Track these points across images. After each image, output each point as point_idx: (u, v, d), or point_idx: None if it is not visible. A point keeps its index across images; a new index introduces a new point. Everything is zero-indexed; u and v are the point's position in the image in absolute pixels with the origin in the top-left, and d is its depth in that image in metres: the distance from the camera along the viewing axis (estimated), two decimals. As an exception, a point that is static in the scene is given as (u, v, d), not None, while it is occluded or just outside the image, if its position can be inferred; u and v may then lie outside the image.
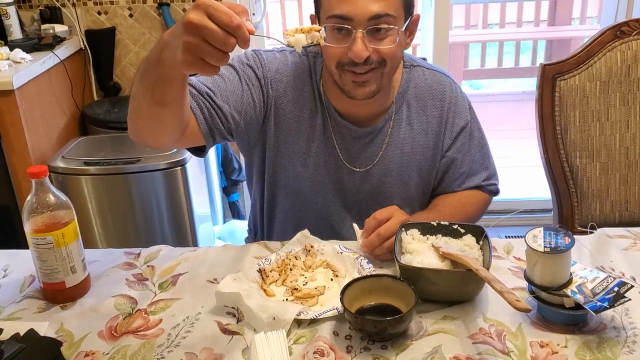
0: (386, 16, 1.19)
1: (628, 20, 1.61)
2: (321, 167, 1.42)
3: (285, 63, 1.38)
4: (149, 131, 1.18)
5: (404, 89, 1.40)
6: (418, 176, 1.45)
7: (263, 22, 2.82)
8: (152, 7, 2.70)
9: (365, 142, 1.40)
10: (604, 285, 1.01)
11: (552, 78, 1.63)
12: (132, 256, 1.31)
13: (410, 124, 1.41)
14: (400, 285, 1.06)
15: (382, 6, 1.18)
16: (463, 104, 1.44)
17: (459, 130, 1.43)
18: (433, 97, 1.41)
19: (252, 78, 1.34)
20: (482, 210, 1.51)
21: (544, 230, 1.05)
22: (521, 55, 5.17)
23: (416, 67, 1.42)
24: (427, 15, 2.85)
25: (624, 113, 1.63)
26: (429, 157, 1.43)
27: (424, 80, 1.41)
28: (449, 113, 1.42)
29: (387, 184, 1.43)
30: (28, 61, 2.31)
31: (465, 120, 1.43)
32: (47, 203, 1.11)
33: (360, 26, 1.18)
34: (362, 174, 1.42)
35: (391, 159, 1.42)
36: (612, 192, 1.68)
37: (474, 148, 1.46)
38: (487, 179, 1.50)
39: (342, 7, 1.18)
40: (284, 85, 1.37)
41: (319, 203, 1.45)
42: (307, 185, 1.44)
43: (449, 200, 1.47)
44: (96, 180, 2.30)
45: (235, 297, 1.08)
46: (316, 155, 1.41)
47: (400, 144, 1.41)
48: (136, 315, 1.12)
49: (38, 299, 1.17)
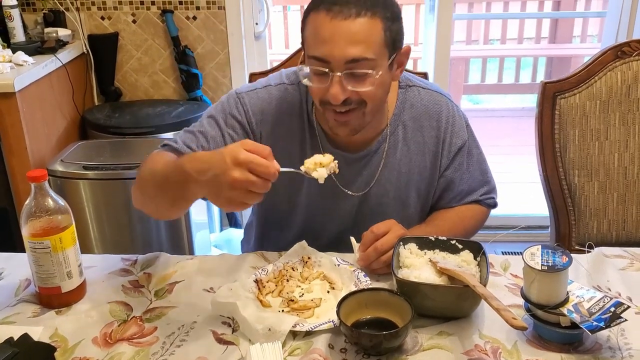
0: (363, 60, 1.16)
1: (629, 40, 1.62)
2: (316, 195, 1.40)
3: (270, 101, 1.36)
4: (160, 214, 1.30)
5: (400, 110, 1.39)
6: (416, 196, 1.44)
7: (266, 32, 2.82)
8: (156, 13, 2.71)
9: (361, 165, 1.39)
10: (601, 305, 1.01)
11: (553, 96, 1.63)
12: (129, 263, 1.31)
13: (407, 145, 1.39)
14: (397, 300, 1.06)
15: (359, 50, 1.15)
16: (460, 123, 1.42)
17: (457, 150, 1.41)
18: (430, 118, 1.39)
19: (236, 127, 1.34)
20: (481, 223, 1.51)
21: (541, 248, 1.05)
22: (521, 71, 5.19)
23: (412, 87, 1.40)
24: (429, 30, 2.87)
25: (623, 133, 1.64)
26: (426, 177, 1.42)
27: (420, 101, 1.39)
28: (447, 133, 1.40)
29: (385, 205, 1.41)
30: (30, 64, 2.31)
31: (463, 140, 1.42)
32: (45, 207, 1.10)
33: (337, 69, 1.17)
34: (360, 198, 1.41)
35: (388, 180, 1.40)
36: (609, 211, 1.68)
37: (473, 165, 1.46)
38: (486, 193, 1.50)
39: (321, 49, 1.17)
40: (270, 124, 1.37)
41: (316, 229, 1.44)
42: (301, 214, 1.43)
43: (448, 215, 1.47)
44: (94, 185, 2.29)
45: (231, 307, 1.08)
46: (308, 184, 1.39)
47: (397, 165, 1.40)
48: (131, 323, 1.11)
49: (33, 303, 1.17)
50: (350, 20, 1.14)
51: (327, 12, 1.15)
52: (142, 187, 1.22)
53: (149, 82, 2.83)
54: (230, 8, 2.68)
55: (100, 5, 2.71)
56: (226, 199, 1.00)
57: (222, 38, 2.73)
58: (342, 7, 1.14)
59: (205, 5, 2.69)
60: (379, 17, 1.16)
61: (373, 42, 1.16)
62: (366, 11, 1.15)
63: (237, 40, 2.73)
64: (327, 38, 1.15)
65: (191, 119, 2.56)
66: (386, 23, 1.17)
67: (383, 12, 1.17)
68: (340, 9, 1.14)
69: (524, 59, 5.22)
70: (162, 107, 2.68)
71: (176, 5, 2.69)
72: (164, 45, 2.76)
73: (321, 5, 1.16)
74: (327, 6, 1.15)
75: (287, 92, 1.38)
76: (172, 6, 2.69)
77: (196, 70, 2.73)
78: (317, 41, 1.17)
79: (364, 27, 1.15)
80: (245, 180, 0.98)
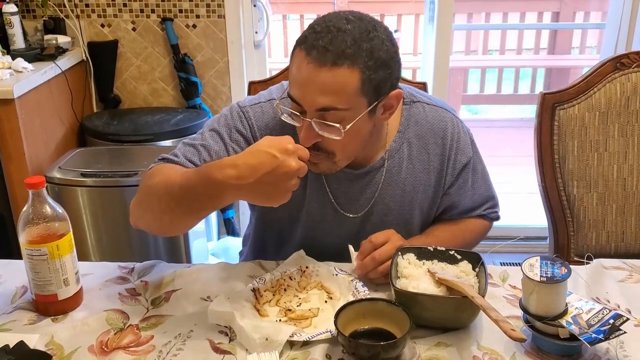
0: (333, 109, 1.12)
1: (628, 52, 1.63)
2: (317, 214, 1.38)
3: (275, 116, 1.30)
4: (166, 229, 1.27)
5: (404, 127, 1.35)
6: (419, 214, 1.42)
7: (265, 41, 2.83)
8: (156, 21, 2.72)
9: (364, 182, 1.36)
10: (600, 317, 1.01)
11: (552, 107, 1.64)
12: (126, 270, 1.30)
13: (412, 163, 1.37)
14: (395, 310, 1.05)
15: (329, 100, 1.11)
16: (465, 140, 1.39)
17: (462, 167, 1.39)
18: (435, 135, 1.36)
19: (240, 142, 1.30)
20: (481, 237, 1.50)
21: (540, 260, 1.05)
22: (520, 82, 5.20)
23: (416, 103, 1.37)
24: (428, 40, 2.88)
25: (622, 144, 1.64)
26: (430, 195, 1.40)
27: (424, 117, 1.36)
28: (452, 150, 1.37)
29: (387, 223, 1.37)
30: (29, 71, 2.31)
31: (468, 157, 1.39)
32: (43, 214, 1.10)
33: (308, 115, 1.14)
34: (362, 217, 1.38)
35: (392, 198, 1.37)
36: (608, 223, 1.68)
37: (478, 182, 1.44)
38: (490, 207, 1.49)
39: (295, 91, 1.15)
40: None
41: (316, 245, 1.39)
42: (301, 231, 1.41)
43: (448, 227, 1.45)
44: (92, 192, 2.29)
45: (228, 316, 1.08)
46: (309, 202, 1.37)
47: (402, 184, 1.37)
48: (128, 331, 1.11)
49: (29, 310, 1.16)
50: (325, 70, 1.09)
51: (306, 55, 1.11)
52: (150, 202, 1.18)
53: (148, 89, 2.83)
54: (230, 17, 2.68)
55: (101, 12, 2.71)
56: (281, 191, 1.03)
57: (222, 46, 2.74)
58: (319, 55, 1.09)
59: (205, 14, 2.69)
60: (358, 67, 1.10)
61: (346, 92, 1.11)
62: (344, 60, 1.09)
63: (236, 49, 2.73)
64: (302, 82, 1.13)
65: (190, 126, 2.56)
66: (366, 72, 1.11)
67: (365, 60, 1.10)
68: (317, 56, 1.09)
69: (523, 70, 5.23)
70: (161, 114, 2.68)
71: (176, 13, 2.69)
72: (164, 53, 2.77)
73: (303, 45, 1.12)
74: (308, 48, 1.11)
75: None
76: (172, 14, 2.70)
77: (195, 78, 2.74)
78: (294, 82, 1.16)
79: (337, 78, 1.10)
80: (301, 168, 1.02)
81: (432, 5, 2.77)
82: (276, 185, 1.02)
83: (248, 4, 2.71)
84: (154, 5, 2.69)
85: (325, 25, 1.11)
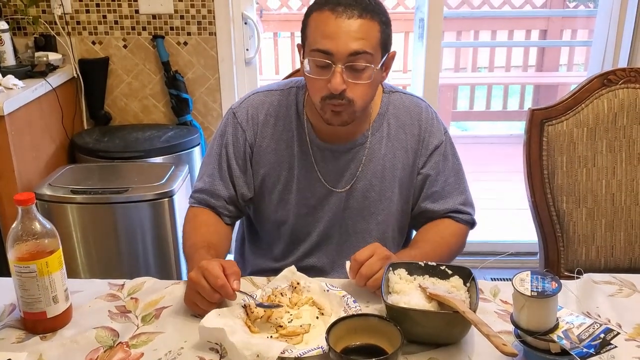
0: (364, 53, 1.29)
1: (615, 69, 1.65)
2: (305, 191, 1.48)
3: (256, 106, 1.50)
4: None
5: (384, 110, 1.49)
6: (399, 192, 1.50)
7: (256, 58, 2.85)
8: (147, 39, 2.72)
9: (347, 159, 1.47)
10: (590, 331, 1.01)
11: (541, 123, 1.65)
12: (116, 287, 1.29)
13: (390, 141, 1.48)
14: (387, 326, 1.05)
15: (361, 44, 1.28)
16: (438, 126, 1.52)
17: (433, 149, 1.50)
18: (411, 117, 1.50)
19: (239, 159, 1.49)
20: (462, 241, 1.54)
21: (531, 274, 1.05)
22: (509, 98, 5.25)
23: (395, 93, 1.52)
24: (418, 57, 2.90)
25: (610, 160, 1.65)
26: (408, 174, 1.50)
27: (402, 103, 1.51)
28: (425, 132, 1.50)
29: (370, 199, 1.49)
30: (20, 88, 2.31)
31: (440, 140, 1.50)
32: (32, 231, 1.09)
33: (340, 62, 1.29)
34: (346, 192, 1.48)
35: (374, 174, 1.48)
36: (597, 238, 1.69)
37: (448, 170, 1.52)
38: (463, 204, 1.53)
39: (325, 43, 1.29)
40: (264, 132, 1.49)
41: (308, 223, 1.50)
42: (292, 211, 1.49)
43: (428, 236, 1.49)
44: (82, 209, 2.28)
45: (219, 332, 1.07)
46: (298, 181, 1.48)
47: (382, 159, 1.48)
48: (117, 349, 1.10)
49: (17, 328, 1.15)
50: (353, 20, 1.28)
51: (331, 12, 1.29)
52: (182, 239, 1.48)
53: (139, 106, 2.83)
54: (221, 34, 2.70)
55: (92, 30, 2.72)
56: (186, 292, 1.21)
57: (213, 63, 2.75)
58: (345, 8, 1.28)
59: (197, 31, 2.71)
60: (377, 20, 1.31)
61: (372, 40, 1.30)
62: (366, 13, 1.29)
63: (227, 66, 2.75)
64: (332, 33, 1.28)
65: (181, 143, 2.56)
66: (382, 26, 1.32)
67: (379, 16, 1.32)
68: (344, 10, 1.28)
69: (512, 87, 5.28)
70: (151, 131, 2.68)
71: (167, 30, 2.70)
72: (155, 70, 2.77)
73: (325, 6, 1.30)
74: (332, 7, 1.29)
75: (284, 94, 1.50)
76: (163, 32, 2.71)
77: (186, 95, 2.74)
78: (322, 36, 1.29)
79: (365, 26, 1.29)
80: (196, 282, 1.16)
81: (422, 23, 2.80)
82: (189, 288, 1.20)
83: (239, 21, 2.72)
84: (145, 23, 2.70)
85: None
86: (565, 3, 5.57)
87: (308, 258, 1.53)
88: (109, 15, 2.70)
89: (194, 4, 2.67)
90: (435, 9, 2.71)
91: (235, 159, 1.49)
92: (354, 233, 1.51)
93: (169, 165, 2.44)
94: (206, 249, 1.35)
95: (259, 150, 1.49)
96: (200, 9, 2.67)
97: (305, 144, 1.47)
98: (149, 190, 2.28)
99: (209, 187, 1.50)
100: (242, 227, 1.68)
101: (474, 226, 1.57)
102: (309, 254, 1.53)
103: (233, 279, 1.16)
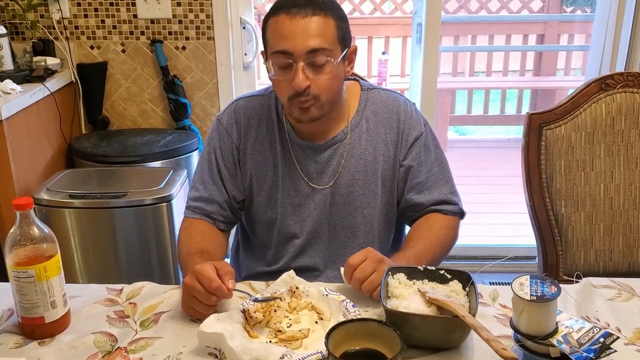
0: (322, 49, 1.34)
1: (613, 73, 1.65)
2: (291, 188, 1.51)
3: (238, 110, 1.55)
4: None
5: (362, 107, 1.52)
6: (382, 185, 1.52)
7: (254, 62, 2.85)
8: (145, 43, 2.72)
9: (328, 155, 1.50)
10: (590, 335, 1.01)
11: (539, 127, 1.65)
12: (115, 292, 1.29)
13: (370, 135, 1.51)
14: (386, 330, 1.05)
15: (318, 41, 1.33)
16: (417, 118, 1.54)
17: (414, 140, 1.52)
18: (389, 111, 1.53)
19: (228, 162, 1.53)
20: (453, 233, 1.54)
21: (530, 279, 1.05)
22: (507, 103, 5.26)
23: (373, 90, 1.56)
24: (416, 62, 2.91)
25: (609, 164, 1.66)
26: (390, 167, 1.52)
27: (380, 99, 1.54)
28: (405, 125, 1.52)
29: (354, 194, 1.51)
30: (18, 92, 2.31)
31: (419, 132, 1.53)
32: (30, 236, 1.09)
33: (300, 59, 1.33)
34: (331, 189, 1.50)
35: (356, 169, 1.50)
36: (596, 242, 1.69)
37: (431, 160, 1.53)
38: (450, 193, 1.53)
39: (283, 43, 1.34)
40: (248, 135, 1.53)
41: (296, 221, 1.52)
42: (280, 210, 1.52)
43: (419, 233, 1.49)
44: (80, 213, 2.27)
45: (218, 337, 1.07)
46: (283, 180, 1.51)
47: (363, 154, 1.50)
48: (116, 354, 1.09)
49: (15, 334, 1.15)
50: (308, 18, 1.33)
51: (286, 14, 1.34)
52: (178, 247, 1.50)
53: (137, 111, 2.83)
54: (220, 39, 2.70)
55: (90, 35, 2.72)
56: (182, 298, 1.21)
57: (211, 68, 2.75)
58: (299, 9, 1.33)
59: (195, 36, 2.71)
60: (331, 16, 1.36)
61: (328, 35, 1.35)
62: (319, 11, 1.34)
63: (226, 70, 2.75)
64: (289, 34, 1.33)
65: (179, 147, 2.56)
66: (337, 21, 1.37)
67: (334, 12, 1.37)
68: (298, 10, 1.33)
69: (509, 91, 5.29)
70: (150, 136, 2.68)
71: (166, 35, 2.71)
72: (153, 75, 2.77)
73: (280, 10, 1.35)
74: (286, 10, 1.34)
75: (255, 100, 1.56)
76: (161, 36, 2.71)
77: (185, 99, 2.74)
78: (280, 38, 1.35)
79: (320, 23, 1.34)
80: (191, 286, 1.17)
81: (420, 28, 2.80)
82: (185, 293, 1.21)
83: (237, 26, 2.73)
84: (143, 28, 2.70)
85: None
86: (562, 8, 5.59)
87: (300, 258, 1.54)
88: (107, 19, 2.70)
89: (192, 8, 2.67)
90: (432, 13, 2.72)
91: (224, 162, 1.53)
92: (342, 228, 1.52)
93: (168, 169, 2.44)
94: (199, 255, 1.37)
95: (244, 152, 1.52)
96: (198, 13, 2.67)
97: (286, 144, 1.50)
98: (147, 194, 2.27)
99: (203, 195, 1.53)
100: (237, 236, 1.70)
101: (463, 216, 1.57)
102: (300, 253, 1.54)
103: (227, 278, 1.18)
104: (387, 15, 5.50)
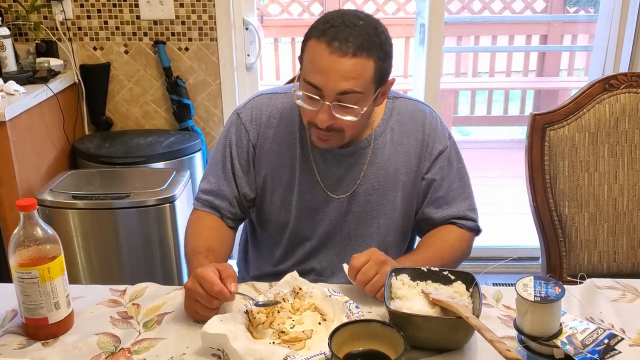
0: (353, 93, 1.27)
1: (617, 74, 1.65)
2: (306, 192, 1.48)
3: (260, 108, 1.50)
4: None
5: (388, 116, 1.49)
6: (402, 196, 1.49)
7: (257, 64, 2.85)
8: (148, 44, 2.73)
9: (349, 163, 1.46)
10: (594, 336, 1.01)
11: (542, 128, 1.65)
12: (118, 293, 1.29)
13: (394, 146, 1.48)
14: (389, 331, 1.04)
15: (351, 84, 1.26)
16: (442, 131, 1.51)
17: (438, 154, 1.49)
18: (415, 122, 1.49)
19: (242, 159, 1.50)
20: (466, 247, 1.52)
21: (534, 280, 1.05)
22: (510, 103, 5.25)
23: (399, 99, 1.51)
24: (419, 62, 2.90)
25: (612, 164, 1.65)
26: (411, 178, 1.49)
27: (406, 109, 1.50)
28: (429, 137, 1.49)
29: (372, 203, 1.48)
30: (21, 93, 2.31)
31: (444, 145, 1.50)
32: (34, 237, 1.09)
33: (328, 98, 1.27)
34: (348, 197, 1.48)
35: (376, 178, 1.47)
36: (600, 243, 1.68)
37: (453, 175, 1.51)
38: (469, 210, 1.52)
39: (316, 77, 1.27)
40: (267, 133, 1.50)
41: (308, 226, 1.50)
42: (294, 214, 1.49)
43: (432, 241, 1.49)
44: (84, 214, 2.27)
45: (221, 338, 1.07)
46: (300, 184, 1.48)
47: (385, 164, 1.47)
48: (119, 355, 1.09)
49: (19, 334, 1.15)
50: (347, 58, 1.24)
51: (327, 45, 1.25)
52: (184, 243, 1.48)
53: (140, 112, 2.83)
54: (222, 40, 2.70)
55: (93, 36, 2.72)
56: (185, 302, 1.21)
57: (214, 69, 2.75)
58: (341, 45, 1.24)
59: (198, 37, 2.71)
60: (373, 58, 1.26)
61: (363, 79, 1.27)
62: (361, 52, 1.25)
63: (228, 72, 2.75)
64: (324, 69, 1.26)
65: (182, 148, 2.56)
66: (378, 62, 1.28)
67: (377, 52, 1.27)
68: (339, 47, 1.24)
69: (512, 92, 5.29)
70: (153, 137, 2.68)
71: (169, 36, 2.71)
72: (156, 76, 2.77)
73: (322, 37, 1.26)
74: (329, 40, 1.25)
75: (278, 98, 1.51)
76: (164, 37, 2.71)
77: (187, 100, 2.74)
78: (314, 70, 1.28)
79: (357, 66, 1.25)
80: (193, 290, 1.16)
81: (422, 28, 2.80)
82: (187, 297, 1.20)
83: (240, 27, 2.73)
84: (146, 29, 2.71)
85: (341, 21, 1.27)
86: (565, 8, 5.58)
87: (308, 261, 1.53)
88: (110, 21, 2.70)
89: (195, 9, 2.67)
90: (435, 14, 2.71)
91: (239, 159, 1.50)
92: (355, 237, 1.51)
93: (171, 170, 2.44)
94: (204, 255, 1.35)
95: (261, 150, 1.49)
96: (201, 14, 2.68)
97: (306, 147, 1.47)
98: (150, 195, 2.27)
99: (213, 188, 1.50)
100: (246, 232, 1.68)
101: (479, 233, 1.55)
102: (309, 256, 1.53)
103: (230, 281, 1.16)
104: (389, 15, 5.50)
